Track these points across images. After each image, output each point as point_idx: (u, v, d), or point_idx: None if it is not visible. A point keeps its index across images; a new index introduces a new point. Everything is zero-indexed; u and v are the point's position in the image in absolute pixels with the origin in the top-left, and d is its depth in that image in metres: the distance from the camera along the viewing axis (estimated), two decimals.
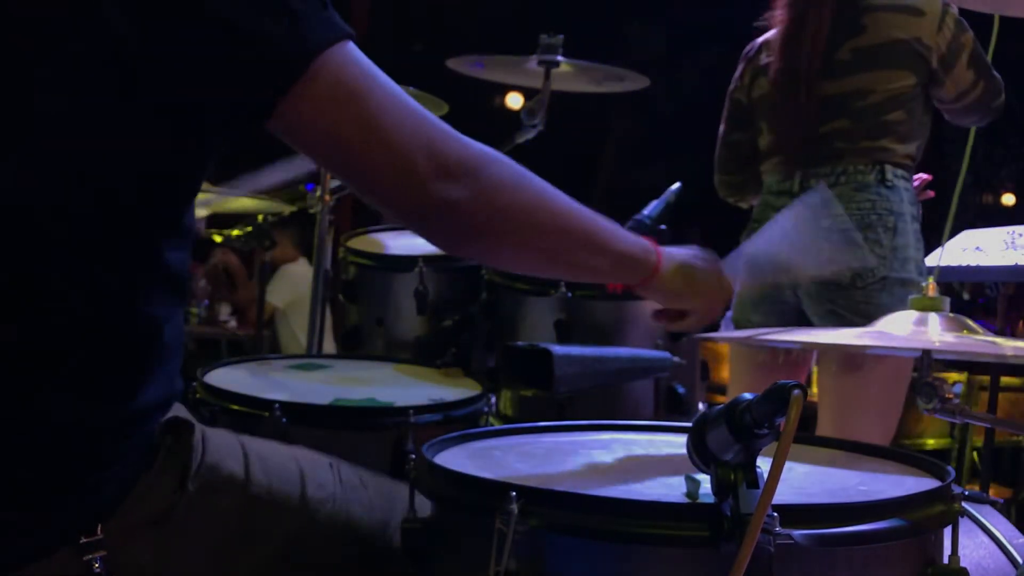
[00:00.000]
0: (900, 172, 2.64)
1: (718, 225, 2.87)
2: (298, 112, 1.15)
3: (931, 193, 2.84)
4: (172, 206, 1.20)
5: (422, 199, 1.22)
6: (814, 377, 3.22)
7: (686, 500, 1.13)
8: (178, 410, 1.27)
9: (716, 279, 1.58)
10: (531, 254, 1.36)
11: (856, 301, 2.54)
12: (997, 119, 2.76)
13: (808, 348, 2.63)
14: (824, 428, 2.62)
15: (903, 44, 2.64)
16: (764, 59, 2.83)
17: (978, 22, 2.44)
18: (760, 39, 2.87)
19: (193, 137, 1.16)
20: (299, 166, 3.38)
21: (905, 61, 2.64)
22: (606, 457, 1.36)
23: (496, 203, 1.26)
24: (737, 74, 2.91)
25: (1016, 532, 1.51)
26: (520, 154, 2.47)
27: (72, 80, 1.09)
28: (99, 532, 1.16)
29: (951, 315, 1.47)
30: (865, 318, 2.49)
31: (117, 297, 1.15)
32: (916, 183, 2.75)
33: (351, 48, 1.18)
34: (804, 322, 2.66)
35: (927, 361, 1.44)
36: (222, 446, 1.30)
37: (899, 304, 2.43)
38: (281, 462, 1.35)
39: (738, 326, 2.76)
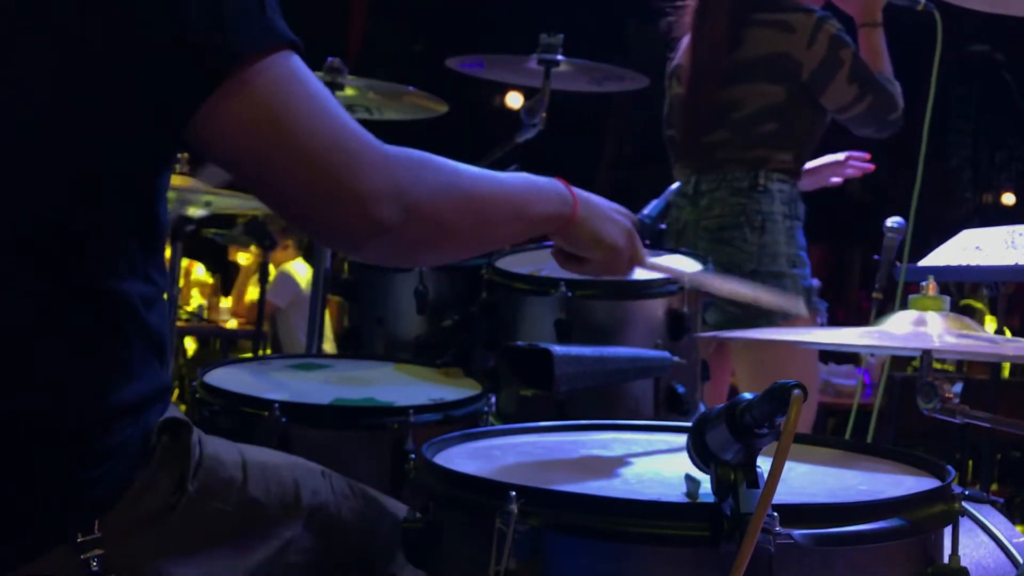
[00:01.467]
0: (776, 175, 2.84)
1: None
2: (214, 125, 1.12)
3: (870, 167, 3.14)
4: (135, 198, 1.18)
5: (351, 225, 1.18)
6: None
7: (686, 500, 1.13)
8: (174, 411, 1.27)
9: (625, 238, 1.54)
10: (461, 249, 1.37)
11: None
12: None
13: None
14: None
15: (772, 59, 2.82)
16: (676, 60, 3.04)
17: (976, 23, 2.44)
18: (684, 40, 3.05)
19: (127, 131, 1.13)
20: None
21: (774, 75, 2.82)
22: (606, 457, 1.36)
23: (426, 218, 1.23)
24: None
25: (1016, 531, 1.50)
26: (520, 154, 2.48)
27: (18, 70, 1.09)
28: (96, 530, 1.16)
29: (951, 314, 1.47)
30: (739, 307, 2.70)
31: (94, 289, 1.15)
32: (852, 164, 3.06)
33: (285, 60, 1.13)
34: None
35: (927, 361, 1.44)
36: (220, 450, 1.31)
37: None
38: (276, 469, 1.36)
39: None
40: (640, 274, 2.03)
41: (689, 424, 1.10)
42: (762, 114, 2.84)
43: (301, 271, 6.30)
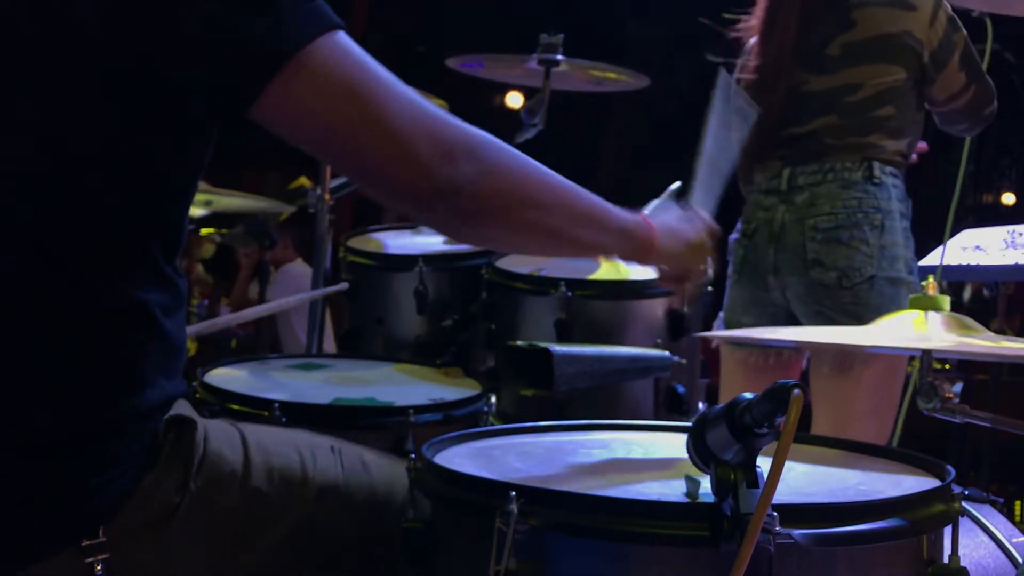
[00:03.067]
0: (889, 169, 2.59)
1: (718, 225, 2.87)
2: (285, 106, 1.15)
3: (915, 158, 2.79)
4: (164, 203, 1.19)
5: (425, 184, 1.21)
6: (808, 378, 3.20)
7: (686, 500, 1.13)
8: (180, 407, 1.27)
9: (697, 228, 1.59)
10: (533, 234, 1.36)
11: (844, 302, 2.50)
12: (996, 126, 2.74)
13: (806, 348, 2.61)
14: (819, 429, 2.61)
15: (894, 38, 2.60)
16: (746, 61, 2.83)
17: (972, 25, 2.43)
18: (750, 42, 2.85)
19: (176, 131, 1.15)
20: None
21: (895, 55, 2.60)
22: (606, 457, 1.36)
23: (498, 184, 1.26)
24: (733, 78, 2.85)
25: (1016, 531, 1.51)
26: None
27: (50, 80, 1.10)
28: (101, 534, 1.16)
29: (951, 314, 1.47)
30: (854, 319, 2.46)
31: (113, 296, 1.15)
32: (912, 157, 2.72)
33: (339, 39, 1.17)
34: (794, 323, 2.62)
35: (927, 361, 1.44)
36: (222, 439, 1.30)
37: (889, 303, 2.45)
38: (282, 450, 1.35)
39: (729, 328, 2.71)
40: (642, 273, 2.03)
41: (689, 424, 1.10)
42: (880, 97, 2.60)
43: (302, 271, 6.29)
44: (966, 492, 1.15)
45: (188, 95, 1.13)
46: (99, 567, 1.15)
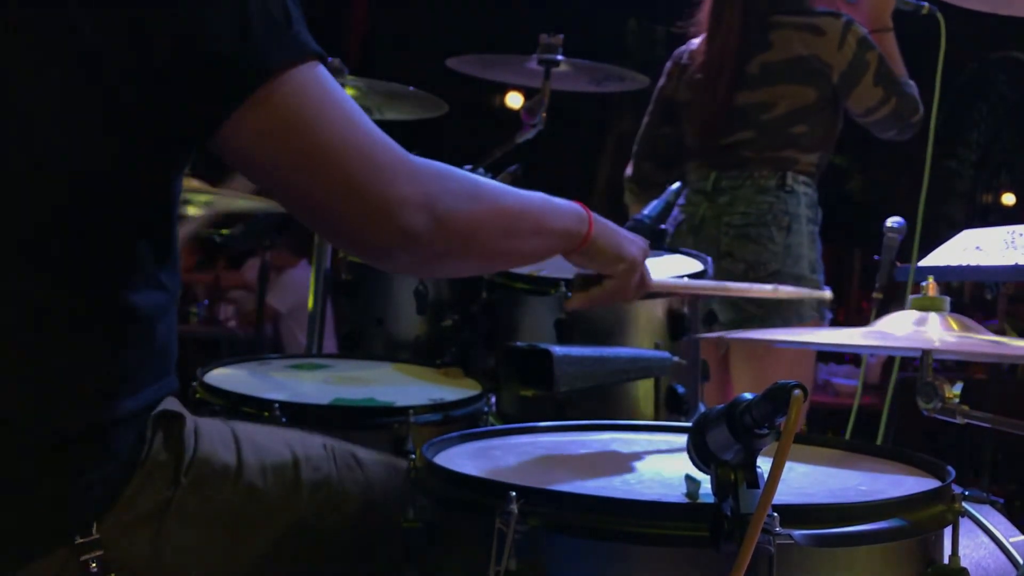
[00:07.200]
0: (802, 178, 2.90)
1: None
2: (242, 137, 1.13)
3: None
4: (149, 208, 1.19)
5: (382, 234, 1.19)
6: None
7: (686, 500, 1.13)
8: (169, 403, 1.26)
9: (641, 256, 1.58)
10: (487, 261, 1.40)
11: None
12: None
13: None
14: None
15: (804, 61, 2.87)
16: (688, 62, 3.07)
17: (973, 25, 2.45)
18: (693, 41, 3.09)
19: (148, 143, 1.14)
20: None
21: (806, 77, 2.87)
22: (606, 457, 1.36)
23: (454, 228, 1.24)
24: (666, 70, 3.13)
25: (1016, 531, 1.50)
26: (520, 154, 2.48)
27: (36, 78, 1.09)
28: (94, 531, 1.16)
29: (951, 315, 1.47)
30: (759, 308, 2.80)
31: (105, 296, 1.15)
32: None
33: (311, 71, 1.14)
34: (711, 311, 2.82)
35: (927, 361, 1.44)
36: (214, 436, 1.30)
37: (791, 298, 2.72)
38: (274, 447, 1.35)
39: None
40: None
41: (689, 424, 1.09)
42: (793, 115, 2.88)
43: (303, 275, 6.28)
44: (966, 492, 1.15)
45: (162, 114, 1.12)
46: (94, 565, 1.15)
